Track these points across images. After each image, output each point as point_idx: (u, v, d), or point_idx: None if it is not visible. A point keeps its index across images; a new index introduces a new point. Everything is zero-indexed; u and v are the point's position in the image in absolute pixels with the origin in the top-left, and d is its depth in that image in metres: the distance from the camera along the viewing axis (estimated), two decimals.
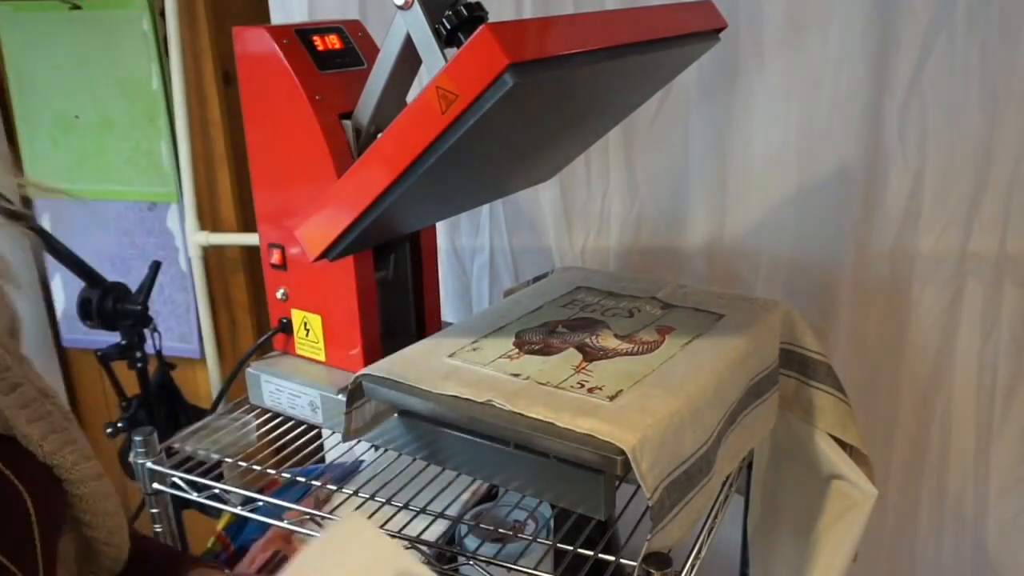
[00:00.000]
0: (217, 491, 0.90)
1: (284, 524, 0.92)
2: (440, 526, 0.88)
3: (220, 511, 0.95)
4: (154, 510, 0.96)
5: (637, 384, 0.79)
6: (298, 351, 1.00)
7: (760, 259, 1.28)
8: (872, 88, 1.14)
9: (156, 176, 1.54)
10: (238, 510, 0.92)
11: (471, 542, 1.02)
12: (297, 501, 0.93)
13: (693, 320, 0.94)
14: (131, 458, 0.93)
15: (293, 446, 0.96)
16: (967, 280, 1.20)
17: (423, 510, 0.86)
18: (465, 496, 1.09)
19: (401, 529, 0.83)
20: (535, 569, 0.90)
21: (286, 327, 0.99)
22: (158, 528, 0.97)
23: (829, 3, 1.13)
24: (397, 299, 1.01)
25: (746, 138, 1.24)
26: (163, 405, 1.33)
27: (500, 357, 0.85)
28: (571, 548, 0.87)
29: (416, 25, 0.74)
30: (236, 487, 0.90)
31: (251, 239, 1.51)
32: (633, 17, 0.77)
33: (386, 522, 0.84)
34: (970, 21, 1.08)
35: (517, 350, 0.87)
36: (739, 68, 1.21)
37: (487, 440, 0.83)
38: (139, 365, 1.26)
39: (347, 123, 0.86)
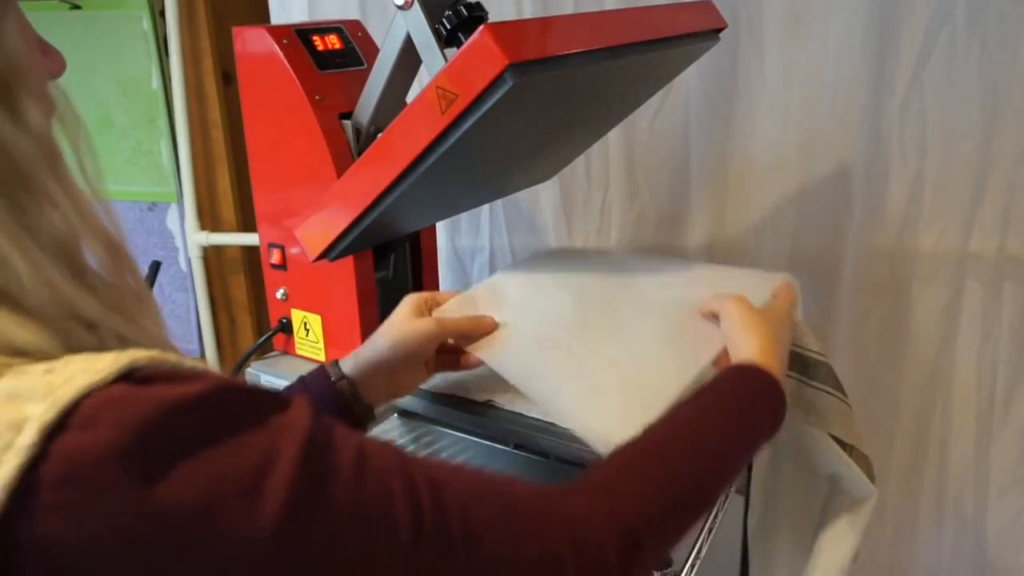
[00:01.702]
0: None
1: None
2: None
3: None
4: None
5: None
6: (298, 351, 1.00)
7: (760, 259, 1.28)
8: (872, 88, 1.14)
9: (156, 176, 1.54)
10: None
11: None
12: None
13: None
14: None
15: None
16: (967, 280, 1.20)
17: None
18: None
19: None
20: None
21: (286, 327, 0.99)
22: None
23: (829, 3, 1.13)
24: (397, 299, 1.01)
25: (746, 138, 1.24)
26: None
27: None
28: None
29: (416, 25, 0.74)
30: None
31: (251, 239, 1.51)
32: (633, 17, 0.77)
33: None
34: (970, 21, 1.08)
35: None
36: (739, 68, 1.21)
37: (487, 440, 0.83)
38: None
39: (347, 123, 0.86)
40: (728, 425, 0.56)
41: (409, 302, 0.76)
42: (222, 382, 0.32)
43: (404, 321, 0.74)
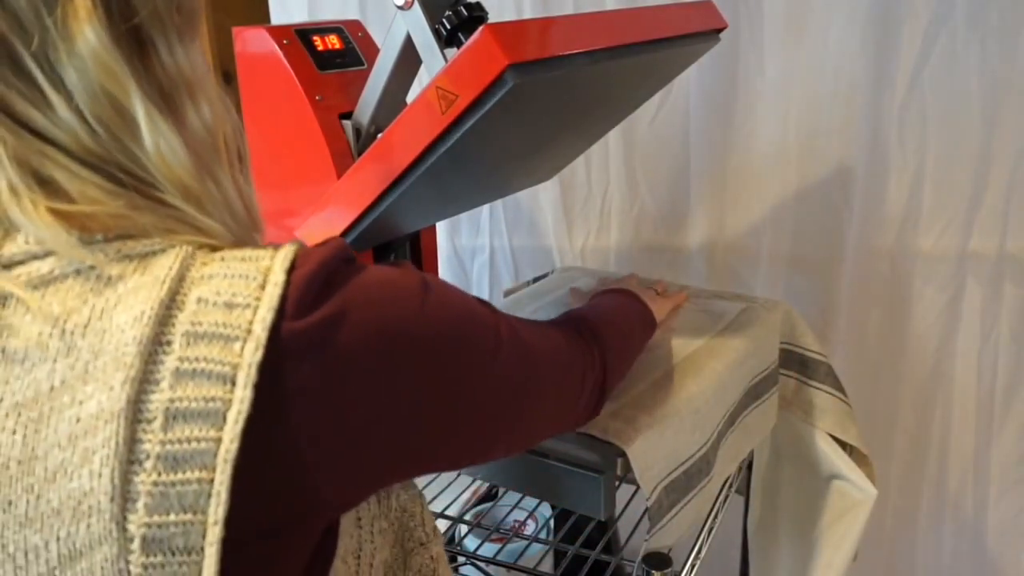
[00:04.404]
0: None
1: None
2: (440, 526, 0.88)
3: None
4: None
5: (637, 384, 0.79)
6: None
7: (760, 259, 1.28)
8: (872, 88, 1.14)
9: None
10: None
11: (471, 542, 1.02)
12: None
13: (694, 320, 0.94)
14: None
15: None
16: (967, 280, 1.20)
17: None
18: (465, 496, 1.09)
19: None
20: (535, 569, 0.90)
21: None
22: None
23: (829, 3, 1.13)
24: None
25: (746, 137, 1.24)
26: None
27: None
28: (571, 548, 0.88)
29: (416, 25, 0.74)
30: None
31: None
32: (633, 17, 0.77)
33: None
34: (970, 21, 1.08)
35: None
36: (739, 68, 1.21)
37: None
38: None
39: (347, 123, 0.86)
40: (622, 308, 0.78)
41: None
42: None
43: None
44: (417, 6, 0.73)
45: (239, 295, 0.39)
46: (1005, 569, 1.30)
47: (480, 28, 0.60)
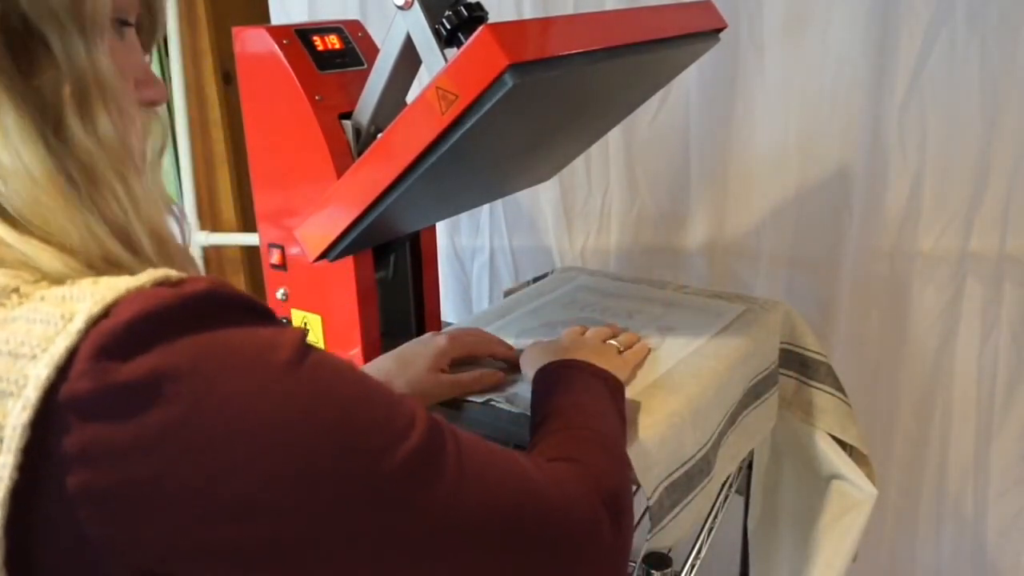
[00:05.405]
0: None
1: None
2: None
3: None
4: None
5: (637, 384, 0.79)
6: None
7: (760, 259, 1.28)
8: (872, 88, 1.14)
9: None
10: None
11: None
12: None
13: (694, 320, 0.94)
14: None
15: None
16: (967, 280, 1.20)
17: None
18: None
19: None
20: None
21: None
22: None
23: (829, 3, 1.13)
24: (397, 299, 1.01)
25: (746, 138, 1.24)
26: None
27: None
28: None
29: (416, 25, 0.74)
30: None
31: (251, 239, 1.51)
32: (633, 17, 0.78)
33: None
34: (970, 21, 1.08)
35: None
36: (739, 68, 1.21)
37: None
38: None
39: (347, 123, 0.86)
40: (586, 394, 0.64)
41: (432, 356, 0.77)
42: (241, 292, 0.39)
43: (423, 375, 0.76)
44: (417, 6, 0.73)
45: (27, 344, 0.34)
46: (1005, 569, 1.30)
47: (480, 28, 0.60)
